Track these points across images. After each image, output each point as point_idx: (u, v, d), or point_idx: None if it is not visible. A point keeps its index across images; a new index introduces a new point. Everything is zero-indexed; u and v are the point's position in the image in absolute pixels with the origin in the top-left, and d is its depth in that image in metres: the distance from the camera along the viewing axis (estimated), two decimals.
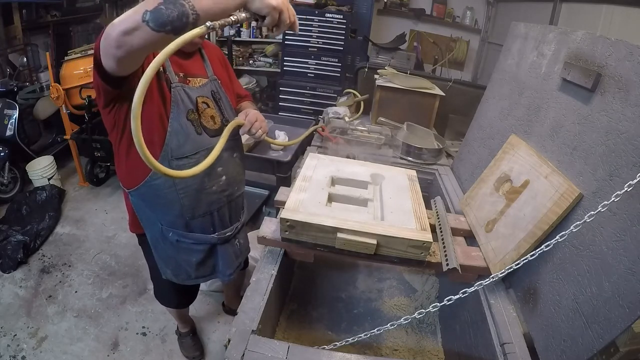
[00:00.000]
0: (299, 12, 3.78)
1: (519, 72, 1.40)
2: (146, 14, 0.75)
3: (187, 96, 1.11)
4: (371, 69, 2.60)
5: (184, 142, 1.10)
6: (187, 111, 1.10)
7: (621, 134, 0.86)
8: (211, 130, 1.17)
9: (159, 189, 1.13)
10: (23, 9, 3.58)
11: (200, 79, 1.18)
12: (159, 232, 1.22)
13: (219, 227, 1.28)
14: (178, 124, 1.08)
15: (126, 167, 1.13)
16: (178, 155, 1.09)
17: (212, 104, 1.19)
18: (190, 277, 1.32)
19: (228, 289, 1.92)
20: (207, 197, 1.20)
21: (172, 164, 1.08)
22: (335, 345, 0.93)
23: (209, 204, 1.22)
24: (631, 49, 0.88)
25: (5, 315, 1.97)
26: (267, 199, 2.56)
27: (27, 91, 3.09)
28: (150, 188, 1.13)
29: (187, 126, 1.10)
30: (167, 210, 1.18)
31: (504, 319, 0.98)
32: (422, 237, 1.00)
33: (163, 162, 1.06)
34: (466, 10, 4.49)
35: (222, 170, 1.22)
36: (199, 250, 1.27)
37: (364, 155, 1.76)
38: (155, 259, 1.30)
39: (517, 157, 1.21)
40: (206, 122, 1.16)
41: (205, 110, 1.17)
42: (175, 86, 1.08)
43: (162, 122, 1.07)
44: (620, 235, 0.79)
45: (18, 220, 2.57)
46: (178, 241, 1.23)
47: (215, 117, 1.20)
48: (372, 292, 1.57)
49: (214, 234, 1.27)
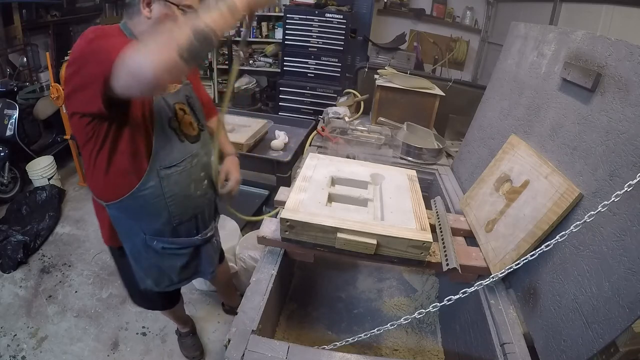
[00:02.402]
0: (299, 12, 3.85)
1: (519, 72, 1.40)
2: (183, 51, 0.76)
3: (166, 104, 1.09)
4: (371, 69, 2.60)
5: (170, 151, 1.10)
6: (168, 119, 1.09)
7: (621, 134, 0.86)
8: (191, 137, 1.17)
9: (147, 199, 1.10)
10: (23, 9, 3.58)
11: (175, 85, 1.16)
12: (142, 242, 1.18)
13: (202, 228, 1.29)
14: (163, 133, 1.08)
15: (105, 180, 1.07)
16: (166, 164, 1.09)
17: (187, 109, 1.18)
18: (172, 282, 1.30)
19: (218, 284, 1.90)
20: (193, 202, 1.21)
21: (160, 173, 1.08)
22: (335, 345, 0.93)
23: (194, 208, 1.23)
24: (631, 49, 0.88)
25: (5, 315, 1.97)
26: (267, 199, 2.56)
27: (27, 91, 3.09)
28: (137, 199, 1.09)
29: (171, 134, 1.10)
30: (153, 220, 1.16)
31: (504, 319, 0.98)
32: (422, 237, 1.00)
33: (152, 173, 1.07)
34: (466, 10, 4.49)
35: (204, 175, 1.23)
36: (183, 254, 1.27)
37: (364, 155, 1.76)
38: (134, 271, 1.25)
39: (517, 157, 1.21)
40: (186, 129, 1.16)
41: (184, 117, 1.16)
42: None
43: (146, 132, 1.05)
44: (620, 235, 0.79)
45: (18, 220, 2.57)
46: (164, 248, 1.21)
47: (193, 123, 1.19)
48: (372, 292, 1.57)
49: (197, 236, 1.28)
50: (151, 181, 1.08)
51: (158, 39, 0.78)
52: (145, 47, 0.77)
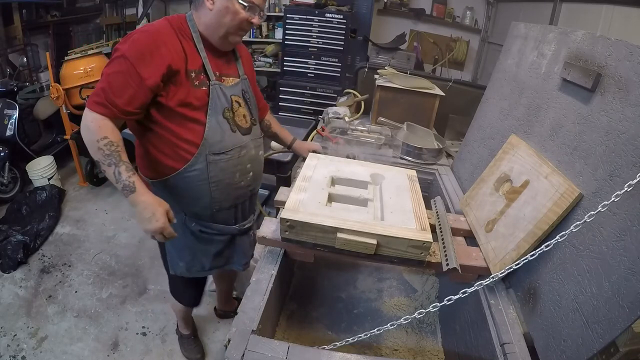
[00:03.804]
0: (299, 12, 3.85)
1: (519, 72, 1.40)
2: (99, 165, 1.04)
3: (223, 94, 1.15)
4: (371, 69, 2.60)
5: (221, 139, 1.15)
6: (223, 109, 1.15)
7: (621, 134, 0.86)
8: (243, 129, 1.22)
9: (192, 181, 1.15)
10: (23, 9, 3.58)
11: (233, 78, 1.23)
12: (181, 221, 1.21)
13: (240, 219, 1.34)
14: (215, 121, 1.13)
15: (152, 159, 1.15)
16: (215, 150, 1.14)
17: (242, 102, 1.24)
18: (204, 268, 1.33)
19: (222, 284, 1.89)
20: (235, 192, 1.25)
21: (208, 158, 1.13)
22: (335, 345, 0.93)
23: (236, 197, 1.27)
24: (631, 49, 0.88)
25: (5, 315, 1.97)
26: (267, 199, 2.56)
27: (27, 91, 3.09)
28: (182, 180, 1.15)
29: (223, 124, 1.15)
30: (194, 202, 1.20)
31: (504, 319, 0.98)
32: (422, 237, 1.00)
33: (200, 156, 1.13)
34: (466, 10, 4.49)
35: (251, 167, 1.27)
36: (219, 241, 1.31)
37: (364, 155, 1.76)
38: (168, 252, 1.30)
39: (517, 157, 1.21)
40: (239, 121, 1.21)
41: (238, 109, 1.22)
42: (213, 84, 1.13)
43: (198, 119, 1.11)
44: (620, 235, 0.79)
45: (18, 220, 2.57)
46: (201, 231, 1.26)
47: (246, 115, 1.25)
48: (372, 292, 1.57)
49: (235, 225, 1.32)
50: (198, 164, 1.13)
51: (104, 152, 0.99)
52: (87, 131, 1.01)
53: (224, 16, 1.08)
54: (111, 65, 1.02)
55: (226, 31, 1.11)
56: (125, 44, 1.01)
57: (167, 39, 1.05)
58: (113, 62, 1.01)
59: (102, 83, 1.00)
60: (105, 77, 1.01)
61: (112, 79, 1.00)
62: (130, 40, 1.01)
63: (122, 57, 0.99)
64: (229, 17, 1.08)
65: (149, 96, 1.03)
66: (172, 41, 1.06)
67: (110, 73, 1.01)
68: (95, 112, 0.99)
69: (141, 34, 1.03)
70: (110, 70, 1.01)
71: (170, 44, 1.05)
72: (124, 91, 1.00)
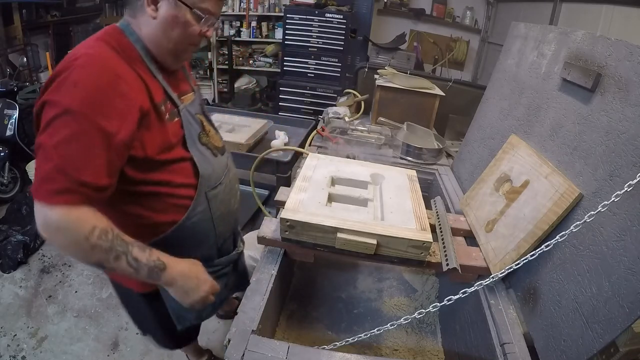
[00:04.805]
0: (299, 12, 3.85)
1: (519, 72, 1.40)
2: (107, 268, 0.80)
3: (192, 118, 0.96)
4: (371, 69, 2.60)
5: (212, 170, 0.98)
6: (198, 135, 0.97)
7: (621, 134, 0.86)
8: (220, 149, 1.06)
9: (195, 226, 0.98)
10: (23, 9, 3.59)
11: (189, 95, 1.02)
12: None
13: (237, 241, 1.25)
14: (198, 152, 0.95)
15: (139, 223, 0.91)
16: (212, 185, 0.99)
17: (204, 119, 1.04)
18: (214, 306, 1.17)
19: None
20: (233, 217, 1.15)
21: (208, 195, 0.98)
22: (335, 345, 0.93)
23: (234, 222, 1.18)
24: (631, 49, 0.88)
25: (5, 315, 1.97)
26: (267, 199, 2.56)
27: (27, 91, 3.09)
28: (184, 230, 0.96)
29: (205, 152, 0.98)
30: (199, 247, 1.03)
31: (504, 319, 0.98)
32: (422, 237, 1.00)
33: (200, 197, 0.96)
34: (466, 10, 4.50)
35: (237, 187, 1.17)
36: (225, 274, 1.17)
37: (364, 155, 1.76)
38: (172, 311, 1.08)
39: (517, 157, 1.21)
40: (215, 142, 1.03)
41: (209, 129, 1.03)
42: (182, 110, 0.93)
43: (182, 156, 0.92)
44: (620, 235, 0.79)
45: (18, 220, 2.56)
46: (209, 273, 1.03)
47: (215, 133, 1.08)
48: (372, 292, 1.57)
49: (234, 251, 1.21)
50: (200, 205, 0.97)
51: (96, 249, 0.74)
52: (63, 235, 0.73)
53: (171, 28, 0.84)
54: (53, 130, 0.70)
55: (174, 47, 0.87)
56: (63, 92, 0.71)
57: (120, 70, 0.78)
58: (55, 125, 0.70)
59: (50, 161, 0.69)
60: (53, 151, 0.69)
61: (64, 150, 0.70)
62: (70, 85, 0.71)
63: (68, 113, 0.70)
64: (178, 30, 0.84)
65: (125, 155, 0.78)
66: (125, 72, 0.79)
67: (58, 142, 0.69)
68: (60, 204, 0.70)
69: (81, 72, 0.72)
70: (56, 138, 0.70)
71: (126, 77, 0.78)
72: (89, 160, 0.71)
